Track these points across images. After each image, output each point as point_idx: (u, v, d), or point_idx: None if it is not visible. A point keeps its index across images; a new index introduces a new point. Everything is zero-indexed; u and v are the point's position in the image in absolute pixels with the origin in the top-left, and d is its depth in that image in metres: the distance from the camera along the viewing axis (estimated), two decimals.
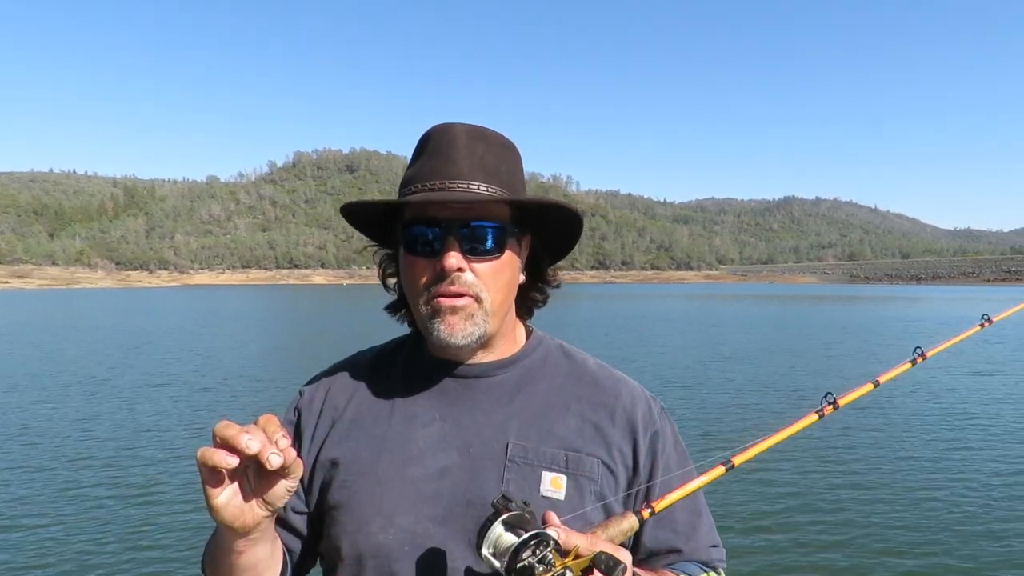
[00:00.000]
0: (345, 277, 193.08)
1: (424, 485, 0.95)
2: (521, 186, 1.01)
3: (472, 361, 1.03)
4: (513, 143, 1.03)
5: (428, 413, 1.01)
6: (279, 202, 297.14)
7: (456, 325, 0.94)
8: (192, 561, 4.94)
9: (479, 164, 0.95)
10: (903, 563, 5.01)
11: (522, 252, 1.03)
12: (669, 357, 16.96)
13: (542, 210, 1.00)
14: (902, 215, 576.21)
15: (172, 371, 14.57)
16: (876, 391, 1.12)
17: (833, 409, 1.05)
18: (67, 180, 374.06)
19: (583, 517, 0.93)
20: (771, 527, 5.64)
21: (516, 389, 1.03)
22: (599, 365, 1.10)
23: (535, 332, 1.12)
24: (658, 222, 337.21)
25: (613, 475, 0.99)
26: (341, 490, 0.98)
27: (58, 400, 11.23)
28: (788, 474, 6.94)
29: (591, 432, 1.00)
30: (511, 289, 1.01)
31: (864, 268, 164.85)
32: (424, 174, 0.95)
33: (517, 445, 0.97)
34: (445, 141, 0.96)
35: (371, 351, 1.15)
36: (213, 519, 0.81)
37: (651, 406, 1.07)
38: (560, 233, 1.05)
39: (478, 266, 0.95)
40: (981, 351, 16.56)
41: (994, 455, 7.71)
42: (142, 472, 7.18)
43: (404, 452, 0.98)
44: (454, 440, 0.98)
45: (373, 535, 0.93)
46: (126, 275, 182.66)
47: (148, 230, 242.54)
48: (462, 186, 0.93)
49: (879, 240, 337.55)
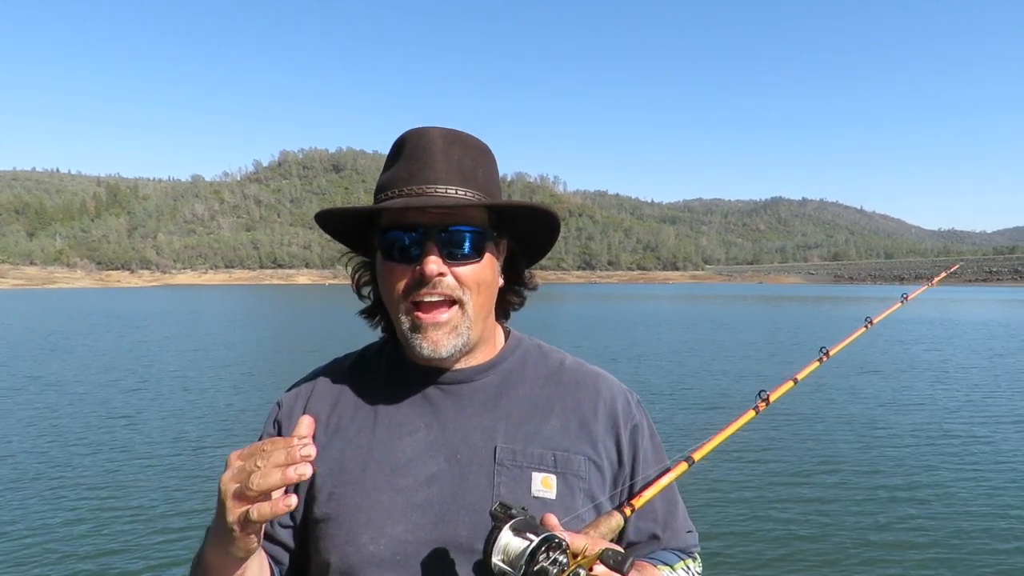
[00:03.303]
0: (329, 277, 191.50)
1: (413, 493, 0.94)
2: (497, 189, 1.01)
3: (454, 367, 1.02)
4: (488, 147, 1.02)
5: (412, 421, 1.00)
6: (264, 201, 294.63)
7: (440, 341, 0.94)
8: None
9: (456, 168, 0.95)
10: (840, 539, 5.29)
11: (500, 255, 1.03)
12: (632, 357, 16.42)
13: (520, 213, 1.00)
14: (887, 216, 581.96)
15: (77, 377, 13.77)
16: (796, 387, 1.21)
17: (766, 405, 1.11)
18: (50, 179, 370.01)
19: (574, 513, 0.95)
20: (727, 515, 5.86)
21: (499, 393, 1.02)
22: (576, 362, 1.11)
23: (513, 333, 1.12)
24: (645, 222, 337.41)
25: (599, 471, 1.00)
26: (329, 502, 0.96)
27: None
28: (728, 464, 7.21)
29: (576, 430, 1.01)
30: (491, 292, 1.01)
31: (848, 268, 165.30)
32: (401, 179, 0.95)
33: (505, 448, 0.97)
34: (421, 146, 0.95)
35: (349, 357, 1.12)
36: (221, 547, 0.81)
37: (629, 400, 1.08)
38: (538, 235, 1.06)
39: (458, 270, 0.94)
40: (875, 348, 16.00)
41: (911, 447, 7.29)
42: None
43: (391, 461, 0.97)
44: (441, 447, 0.97)
45: (364, 546, 0.92)
46: (105, 275, 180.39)
47: (130, 229, 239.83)
48: (440, 191, 0.92)
49: (864, 241, 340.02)
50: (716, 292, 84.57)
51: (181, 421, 9.39)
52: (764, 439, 8.13)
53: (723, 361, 15.97)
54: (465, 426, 0.99)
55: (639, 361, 16.01)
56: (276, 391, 1.14)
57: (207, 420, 9.52)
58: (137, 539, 5.29)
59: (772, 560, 5.00)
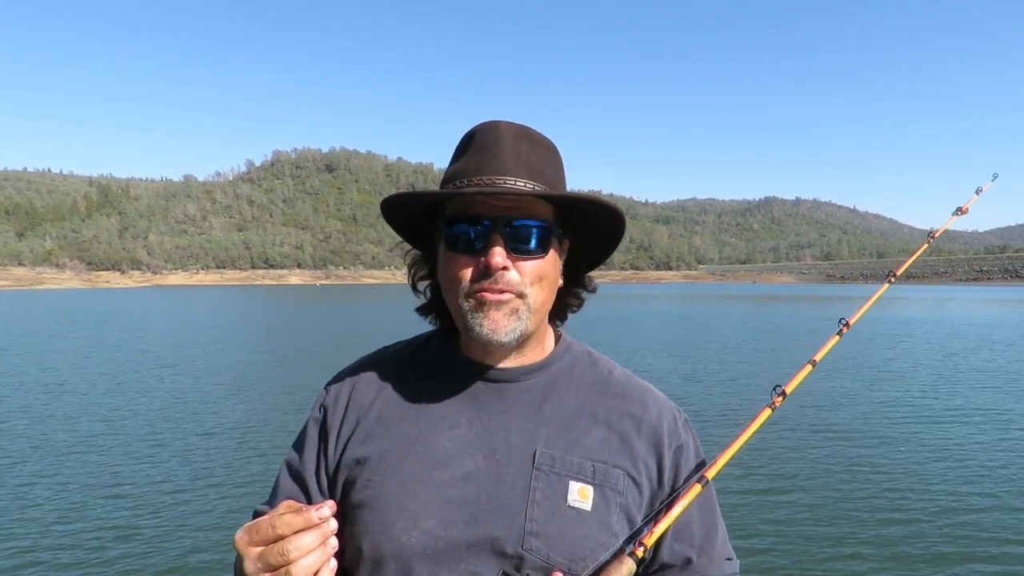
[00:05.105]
0: (321, 277, 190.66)
1: (449, 489, 0.94)
2: (563, 189, 1.00)
3: (502, 365, 1.02)
4: (555, 145, 1.02)
5: (455, 415, 0.99)
6: (256, 201, 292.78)
7: (500, 321, 0.93)
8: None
9: (525, 163, 0.94)
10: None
11: (563, 253, 1.03)
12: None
13: (587, 210, 0.98)
14: (881, 215, 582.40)
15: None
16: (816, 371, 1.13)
17: (783, 399, 1.06)
18: (41, 179, 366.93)
19: (608, 528, 0.93)
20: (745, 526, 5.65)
21: (544, 396, 1.01)
22: (625, 374, 1.09)
23: (563, 337, 1.11)
24: (639, 222, 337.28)
25: (638, 488, 0.98)
26: (366, 489, 0.96)
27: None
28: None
29: (618, 444, 0.99)
30: (552, 290, 1.00)
31: (840, 268, 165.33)
32: (470, 170, 0.94)
33: (545, 453, 0.96)
34: (491, 138, 0.95)
35: (395, 347, 1.13)
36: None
37: (676, 419, 1.06)
38: (602, 236, 1.05)
39: (522, 264, 0.94)
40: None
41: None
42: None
43: (431, 454, 0.96)
44: (480, 445, 0.97)
45: (396, 536, 0.92)
46: (95, 276, 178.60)
47: (121, 230, 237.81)
48: (509, 182, 0.92)
49: (857, 240, 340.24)
50: (708, 291, 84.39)
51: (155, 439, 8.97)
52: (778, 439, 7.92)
53: (724, 364, 15.61)
54: (507, 426, 0.98)
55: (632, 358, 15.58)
56: (277, 391, 1.02)
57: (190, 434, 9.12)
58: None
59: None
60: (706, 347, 19.09)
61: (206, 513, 5.89)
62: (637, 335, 23.00)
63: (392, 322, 28.71)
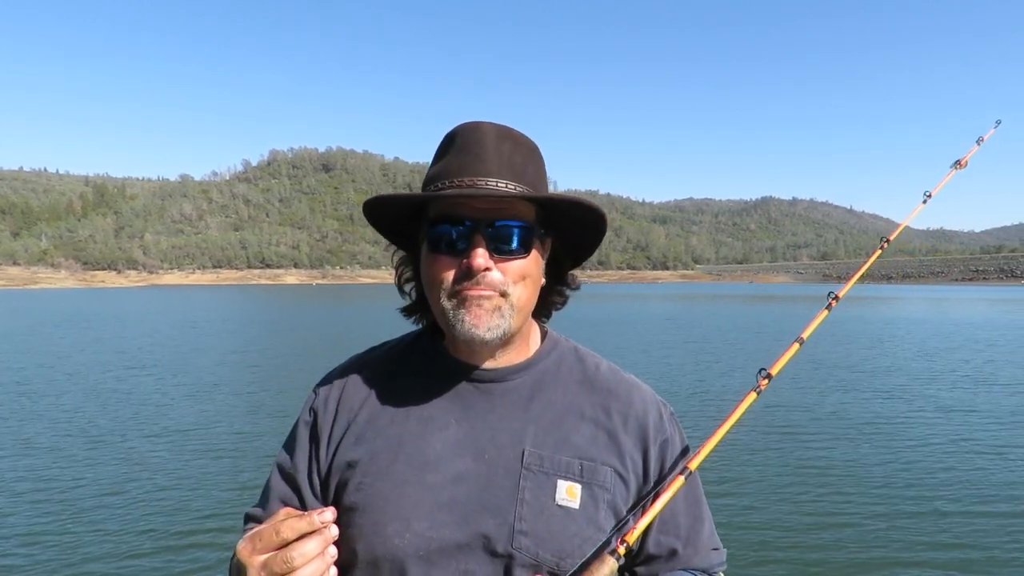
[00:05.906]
0: (318, 277, 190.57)
1: (440, 491, 0.94)
2: (545, 189, 1.01)
3: (488, 364, 1.02)
4: (537, 145, 1.02)
5: (444, 416, 1.00)
6: (252, 201, 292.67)
7: (482, 317, 0.93)
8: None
9: (508, 163, 0.95)
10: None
11: (545, 252, 1.03)
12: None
13: (568, 210, 0.98)
14: (877, 215, 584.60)
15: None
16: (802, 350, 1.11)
17: (768, 381, 1.05)
18: (37, 179, 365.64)
19: (596, 525, 0.94)
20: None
21: (531, 395, 1.02)
22: (612, 369, 1.10)
23: (550, 334, 1.11)
24: (636, 222, 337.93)
25: (625, 484, 0.99)
26: (358, 492, 0.96)
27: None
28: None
29: (605, 440, 1.00)
30: (535, 289, 1.00)
31: (836, 267, 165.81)
32: (451, 171, 0.94)
33: (533, 453, 0.96)
34: (473, 139, 0.95)
35: (382, 348, 1.13)
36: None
37: (662, 412, 1.06)
38: (584, 234, 1.05)
39: (504, 265, 0.94)
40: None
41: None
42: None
43: (421, 456, 0.97)
44: (469, 446, 0.97)
45: (389, 539, 0.92)
46: (90, 275, 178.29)
47: (117, 229, 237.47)
48: (491, 184, 0.92)
49: (853, 240, 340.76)
50: (704, 291, 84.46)
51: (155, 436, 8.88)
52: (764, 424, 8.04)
53: (708, 355, 15.59)
54: (495, 426, 0.98)
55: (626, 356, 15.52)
56: (276, 392, 1.00)
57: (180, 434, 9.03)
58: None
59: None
60: (695, 342, 19.06)
61: (193, 512, 5.81)
62: (633, 335, 22.95)
63: (389, 321, 28.57)
